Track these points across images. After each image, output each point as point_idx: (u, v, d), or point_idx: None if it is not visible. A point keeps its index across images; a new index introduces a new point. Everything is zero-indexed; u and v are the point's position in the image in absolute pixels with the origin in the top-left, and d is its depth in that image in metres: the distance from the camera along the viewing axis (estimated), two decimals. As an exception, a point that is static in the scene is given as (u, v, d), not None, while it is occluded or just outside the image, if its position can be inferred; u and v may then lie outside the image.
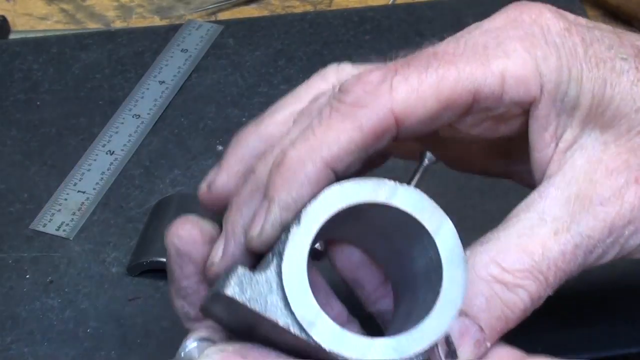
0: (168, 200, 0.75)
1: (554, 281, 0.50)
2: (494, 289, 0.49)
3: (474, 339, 0.49)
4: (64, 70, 0.88)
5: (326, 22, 0.92)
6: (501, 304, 0.49)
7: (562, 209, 0.50)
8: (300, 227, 0.47)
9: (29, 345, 0.69)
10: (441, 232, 0.48)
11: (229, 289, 0.46)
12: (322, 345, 0.46)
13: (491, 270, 0.49)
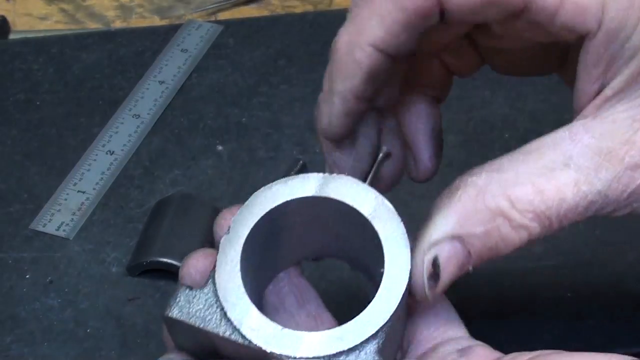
0: (168, 200, 0.75)
1: (558, 228, 0.48)
2: (497, 222, 0.47)
3: (459, 263, 0.48)
4: (64, 70, 0.88)
5: (326, 22, 0.92)
6: (499, 238, 0.48)
7: (590, 160, 0.48)
8: (229, 235, 0.47)
9: (29, 345, 0.69)
10: (378, 214, 0.48)
11: (170, 312, 0.47)
12: (266, 349, 0.45)
13: (500, 203, 0.47)
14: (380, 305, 0.46)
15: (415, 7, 0.47)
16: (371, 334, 0.46)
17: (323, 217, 0.50)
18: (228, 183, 0.79)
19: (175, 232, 0.73)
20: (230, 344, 0.46)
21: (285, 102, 0.85)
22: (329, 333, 0.46)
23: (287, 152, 0.81)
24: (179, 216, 0.74)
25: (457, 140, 0.81)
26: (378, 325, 0.46)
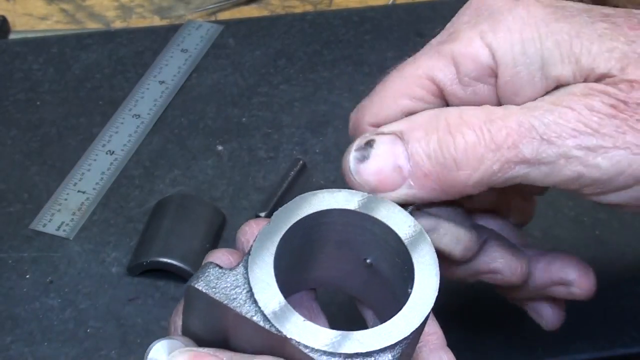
0: (168, 200, 0.76)
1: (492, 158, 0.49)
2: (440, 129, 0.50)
3: (392, 157, 0.50)
4: (64, 70, 0.88)
5: (326, 22, 0.92)
6: (437, 145, 0.49)
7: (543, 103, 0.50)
8: (269, 226, 0.48)
9: (29, 345, 0.69)
10: (414, 240, 0.49)
11: (197, 283, 0.47)
12: (286, 334, 0.46)
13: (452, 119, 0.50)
14: (403, 320, 0.47)
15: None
16: (390, 344, 0.46)
17: (358, 235, 0.51)
18: (228, 183, 0.79)
19: (175, 232, 0.73)
20: (249, 327, 0.47)
21: (285, 102, 0.85)
22: (350, 335, 0.46)
23: (287, 152, 0.81)
24: (179, 216, 0.74)
25: (457, 140, 0.81)
26: (398, 338, 0.47)
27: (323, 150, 0.81)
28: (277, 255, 0.48)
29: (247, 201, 0.78)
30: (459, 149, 0.49)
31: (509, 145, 0.48)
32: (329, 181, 0.78)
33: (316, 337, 0.46)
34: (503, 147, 0.48)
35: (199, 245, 0.73)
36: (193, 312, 0.50)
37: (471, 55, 0.51)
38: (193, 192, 0.78)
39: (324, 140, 0.82)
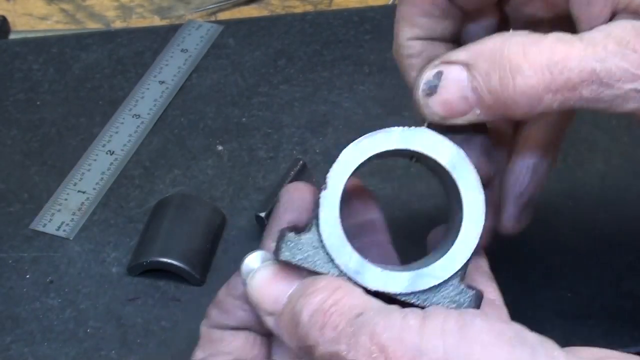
0: (168, 200, 0.75)
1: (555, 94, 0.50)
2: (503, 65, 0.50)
3: (460, 89, 0.52)
4: (64, 70, 0.88)
5: (326, 22, 0.92)
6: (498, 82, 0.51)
7: (602, 39, 0.50)
8: (327, 190, 0.52)
9: (29, 345, 0.69)
10: (455, 163, 0.52)
11: (282, 255, 0.51)
12: (370, 287, 0.50)
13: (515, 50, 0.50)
14: (462, 245, 0.51)
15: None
16: (457, 270, 0.51)
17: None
18: (228, 183, 0.79)
19: (175, 232, 0.73)
20: None
21: (285, 102, 0.85)
22: (421, 272, 0.51)
23: (287, 152, 0.81)
24: (179, 216, 0.74)
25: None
26: (462, 262, 0.51)
27: (323, 150, 0.81)
28: (340, 213, 0.52)
29: (247, 201, 0.78)
30: (518, 91, 0.50)
31: (568, 87, 0.50)
32: (329, 181, 0.78)
33: (395, 282, 0.51)
34: (563, 89, 0.50)
35: (199, 245, 0.73)
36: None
37: None
38: (193, 192, 0.78)
39: (324, 140, 0.82)
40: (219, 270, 0.73)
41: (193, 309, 0.71)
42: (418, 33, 0.55)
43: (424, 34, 0.56)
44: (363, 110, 0.84)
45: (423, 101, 0.53)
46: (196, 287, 0.72)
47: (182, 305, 0.71)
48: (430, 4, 0.54)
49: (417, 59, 0.56)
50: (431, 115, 0.53)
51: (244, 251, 0.74)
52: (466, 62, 0.51)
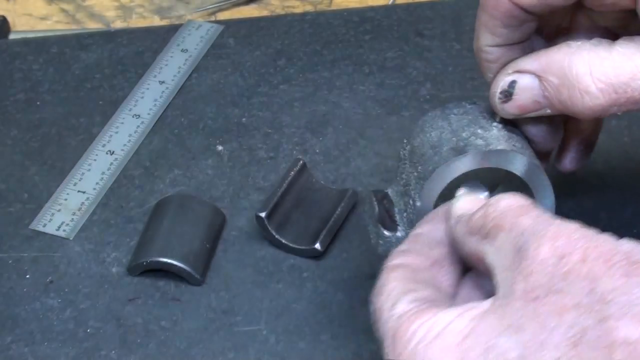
0: (168, 200, 0.75)
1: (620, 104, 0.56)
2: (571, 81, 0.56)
3: (533, 95, 0.58)
4: (64, 70, 0.88)
5: (326, 22, 0.92)
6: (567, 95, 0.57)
7: None
8: (420, 205, 0.61)
9: (29, 345, 0.69)
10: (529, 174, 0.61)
11: (379, 250, 0.64)
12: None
13: (581, 69, 0.56)
14: None
15: None
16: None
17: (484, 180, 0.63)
18: (228, 183, 0.79)
19: (175, 232, 0.73)
20: None
21: (285, 102, 0.85)
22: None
23: (287, 152, 0.81)
24: (179, 216, 0.74)
25: (457, 140, 0.81)
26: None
27: (323, 150, 0.81)
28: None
29: (247, 201, 0.78)
30: (587, 106, 0.56)
31: (632, 102, 0.56)
32: (329, 181, 0.78)
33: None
34: (628, 103, 0.56)
35: (199, 245, 0.73)
36: None
37: None
38: (193, 192, 0.78)
39: (324, 140, 0.82)
40: (219, 270, 0.73)
41: (193, 309, 0.71)
42: (497, 41, 0.60)
43: (502, 41, 0.60)
44: (363, 110, 0.84)
45: (500, 106, 0.60)
46: (196, 287, 0.72)
47: (182, 305, 0.71)
48: (509, 17, 0.58)
49: (494, 63, 0.61)
50: (506, 115, 0.60)
51: (244, 251, 0.74)
52: (537, 73, 0.57)
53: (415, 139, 0.64)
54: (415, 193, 0.62)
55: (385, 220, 0.64)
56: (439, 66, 0.87)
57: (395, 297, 0.52)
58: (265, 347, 0.69)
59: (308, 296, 0.71)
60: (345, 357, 0.68)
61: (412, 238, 0.57)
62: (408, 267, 0.54)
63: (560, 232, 0.48)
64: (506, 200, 0.52)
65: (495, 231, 0.51)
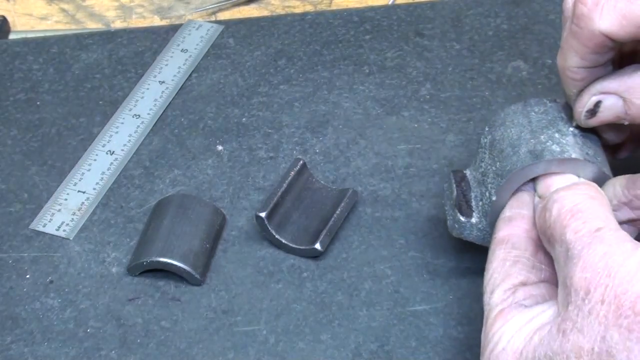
0: (168, 200, 0.76)
1: None
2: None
3: (616, 114, 0.63)
4: (64, 70, 0.88)
5: (326, 22, 0.92)
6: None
7: None
8: (496, 199, 0.66)
9: (29, 345, 0.69)
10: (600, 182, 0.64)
11: (454, 232, 0.69)
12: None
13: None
14: None
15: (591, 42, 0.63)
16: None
17: None
18: (228, 183, 0.79)
19: (175, 232, 0.73)
20: None
21: (285, 102, 0.85)
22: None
23: (287, 152, 0.81)
24: (179, 216, 0.74)
25: (457, 140, 0.81)
26: None
27: (323, 150, 0.81)
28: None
29: (247, 201, 0.78)
30: None
31: None
32: (329, 181, 0.78)
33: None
34: None
35: (199, 245, 0.73)
36: None
37: None
38: (193, 192, 0.78)
39: (324, 140, 0.82)
40: (219, 270, 0.73)
41: (193, 309, 0.71)
42: (585, 64, 0.63)
43: (589, 64, 0.63)
44: (363, 110, 0.84)
45: (584, 122, 0.64)
46: (196, 287, 0.72)
47: (182, 305, 0.71)
48: (601, 46, 0.62)
49: (579, 82, 0.64)
50: (586, 125, 0.65)
51: (244, 251, 0.74)
52: (621, 94, 0.63)
53: (496, 131, 0.68)
54: (492, 187, 0.66)
55: (462, 206, 0.68)
56: (439, 66, 0.87)
57: (494, 283, 0.61)
58: (265, 347, 0.69)
59: (308, 296, 0.72)
60: (345, 357, 0.68)
61: (516, 202, 0.65)
62: (509, 242, 0.62)
63: (589, 260, 0.53)
64: (559, 203, 0.58)
65: (552, 241, 0.57)
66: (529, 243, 0.63)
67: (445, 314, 0.70)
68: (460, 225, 0.68)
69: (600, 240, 0.54)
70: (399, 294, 0.71)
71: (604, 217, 0.57)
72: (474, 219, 0.68)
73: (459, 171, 0.70)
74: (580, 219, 0.56)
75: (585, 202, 0.58)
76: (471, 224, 0.68)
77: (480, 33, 0.90)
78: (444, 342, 0.68)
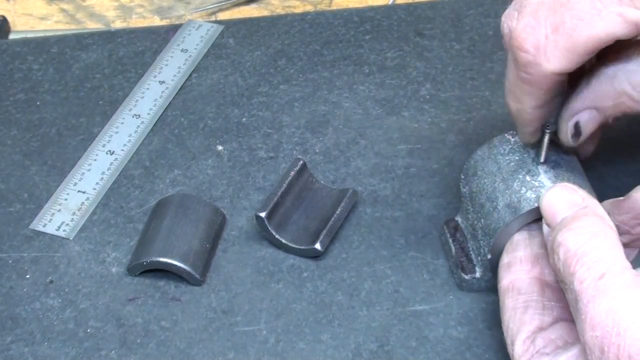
0: (168, 200, 0.75)
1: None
2: (622, 99, 0.64)
3: (596, 122, 0.65)
4: (64, 70, 0.88)
5: (326, 22, 0.92)
6: (625, 107, 0.64)
7: None
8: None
9: (29, 345, 0.69)
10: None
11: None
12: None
13: (625, 87, 0.64)
14: None
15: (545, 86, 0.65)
16: None
17: None
18: (228, 183, 0.79)
19: (175, 232, 0.73)
20: None
21: (285, 102, 0.85)
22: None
23: (287, 152, 0.81)
24: (179, 216, 0.74)
25: (457, 140, 0.81)
26: None
27: (323, 150, 0.81)
28: None
29: (247, 201, 0.78)
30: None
31: None
32: (329, 181, 0.78)
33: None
34: None
35: (199, 245, 0.73)
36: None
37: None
38: (193, 192, 0.78)
39: (324, 140, 0.82)
40: (219, 270, 0.73)
41: (193, 309, 0.71)
42: (541, 103, 0.65)
43: (545, 102, 0.65)
44: (363, 110, 0.84)
45: (575, 143, 0.66)
46: (196, 287, 0.72)
47: (182, 305, 0.71)
48: (557, 86, 0.63)
49: (537, 120, 0.66)
50: (577, 144, 0.67)
51: (244, 251, 0.74)
52: (593, 106, 0.65)
53: (472, 182, 0.70)
54: (484, 244, 0.68)
55: (464, 263, 0.70)
56: (439, 66, 0.87)
57: (512, 334, 0.61)
58: (265, 347, 0.69)
59: (308, 296, 0.71)
60: (345, 357, 0.68)
61: (509, 246, 0.66)
62: (514, 289, 0.63)
63: (596, 317, 0.54)
64: (564, 246, 0.57)
65: (564, 286, 0.57)
66: (534, 284, 0.63)
67: (445, 314, 0.70)
68: (467, 283, 0.70)
69: (604, 292, 0.54)
70: (399, 294, 0.71)
71: (609, 257, 0.56)
72: (478, 273, 0.70)
73: (451, 220, 0.72)
74: (585, 264, 0.56)
75: (589, 242, 0.57)
76: (477, 279, 0.70)
77: (480, 33, 0.90)
78: (444, 342, 0.68)
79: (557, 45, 0.60)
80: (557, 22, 0.60)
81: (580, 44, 0.60)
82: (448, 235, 0.71)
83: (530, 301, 0.62)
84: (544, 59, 0.61)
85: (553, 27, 0.60)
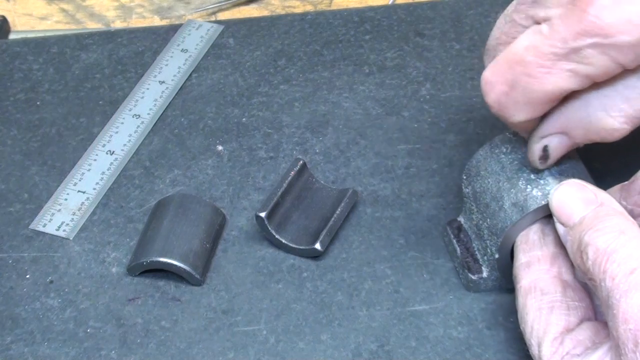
0: (168, 200, 0.76)
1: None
2: (596, 125, 0.62)
3: (565, 148, 0.65)
4: (64, 70, 0.88)
5: (326, 22, 0.92)
6: (597, 135, 0.63)
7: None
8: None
9: (29, 345, 0.69)
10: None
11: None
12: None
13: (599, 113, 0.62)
14: None
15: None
16: None
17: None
18: (228, 183, 0.79)
19: (175, 232, 0.73)
20: None
21: (285, 102, 0.85)
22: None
23: (287, 152, 0.81)
24: (179, 216, 0.74)
25: (457, 140, 0.81)
26: None
27: (323, 150, 0.81)
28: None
29: (247, 201, 0.78)
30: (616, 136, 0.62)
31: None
32: (329, 181, 0.78)
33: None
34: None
35: (199, 245, 0.73)
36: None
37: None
38: (193, 192, 0.78)
39: (324, 140, 0.82)
40: (219, 270, 0.73)
41: (193, 309, 0.71)
42: (535, 115, 0.63)
43: (539, 114, 0.64)
44: (363, 110, 0.84)
45: (542, 166, 0.66)
46: (196, 287, 0.72)
47: (182, 305, 0.71)
48: (553, 100, 0.62)
49: (531, 129, 0.65)
50: (547, 167, 0.66)
51: (244, 251, 0.74)
52: (562, 132, 0.64)
53: (475, 182, 0.69)
54: (491, 244, 0.68)
55: (470, 263, 0.70)
56: (439, 66, 0.87)
57: (537, 335, 0.61)
58: (265, 347, 0.69)
59: (308, 296, 0.72)
60: (345, 357, 0.68)
61: (526, 245, 0.66)
62: (537, 289, 0.63)
63: (629, 311, 0.55)
64: (592, 246, 0.58)
65: (594, 284, 0.58)
66: (556, 283, 0.63)
67: (445, 314, 0.70)
68: (474, 284, 0.70)
69: (636, 286, 0.55)
70: (399, 294, 0.71)
71: (638, 253, 0.57)
72: (485, 273, 0.70)
73: (453, 221, 0.72)
74: (616, 261, 0.57)
75: (617, 240, 0.58)
76: (484, 279, 0.70)
77: (480, 33, 0.90)
78: (444, 342, 0.68)
79: (516, 101, 0.62)
80: (512, 79, 0.61)
81: (536, 99, 0.61)
82: (452, 236, 0.71)
83: (555, 301, 0.62)
84: (507, 113, 0.62)
85: (509, 85, 0.61)
